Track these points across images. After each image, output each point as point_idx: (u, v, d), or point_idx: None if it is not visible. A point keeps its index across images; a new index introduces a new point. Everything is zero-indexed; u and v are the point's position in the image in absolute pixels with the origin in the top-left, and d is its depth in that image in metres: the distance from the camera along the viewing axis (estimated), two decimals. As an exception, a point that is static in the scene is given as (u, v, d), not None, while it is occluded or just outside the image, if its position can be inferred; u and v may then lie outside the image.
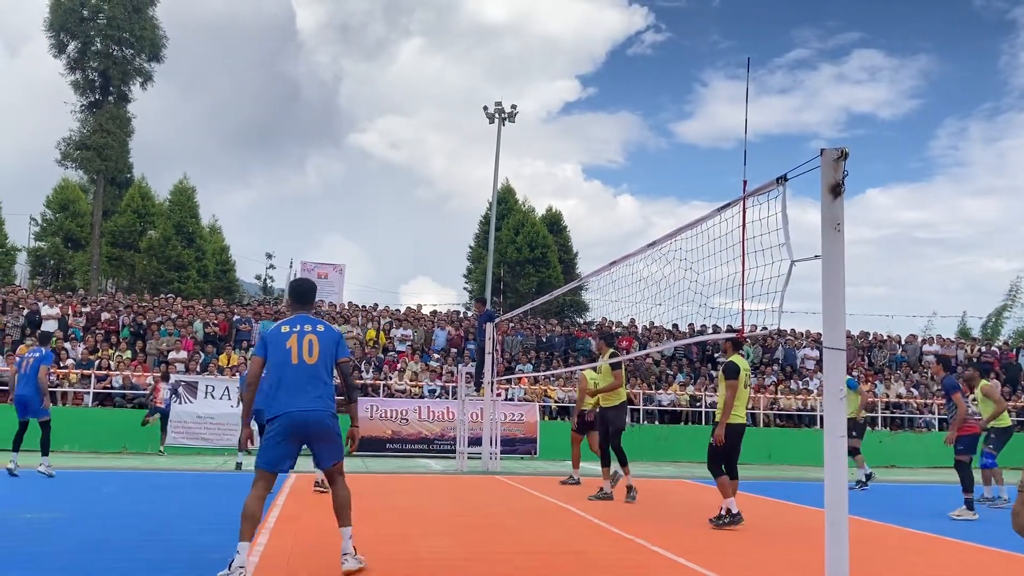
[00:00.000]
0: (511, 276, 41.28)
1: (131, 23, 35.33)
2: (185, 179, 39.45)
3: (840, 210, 5.10)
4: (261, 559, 6.44)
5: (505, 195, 43.14)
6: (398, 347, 23.13)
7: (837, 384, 5.01)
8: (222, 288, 39.17)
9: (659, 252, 8.74)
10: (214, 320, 22.33)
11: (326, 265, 33.21)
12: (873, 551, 7.58)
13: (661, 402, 21.96)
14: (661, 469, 18.04)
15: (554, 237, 43.25)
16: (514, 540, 7.80)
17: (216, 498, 10.63)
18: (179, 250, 36.89)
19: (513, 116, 36.49)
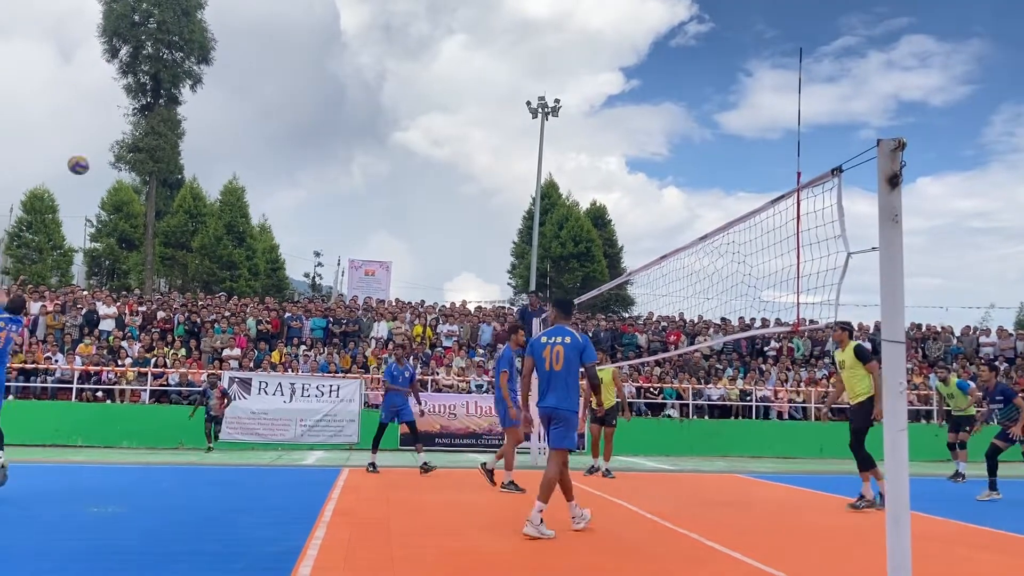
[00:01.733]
0: (555, 271, 41.24)
1: (180, 26, 35.99)
2: (235, 179, 40.15)
3: (898, 201, 5.04)
4: (320, 551, 6.54)
5: (549, 190, 43.09)
6: (444, 343, 23.28)
7: (897, 377, 4.94)
8: (272, 286, 39.77)
9: (710, 245, 8.68)
10: (266, 318, 22.69)
11: (373, 263, 33.55)
12: (935, 547, 7.46)
13: (711, 397, 21.79)
14: (712, 464, 17.93)
15: (598, 231, 43.10)
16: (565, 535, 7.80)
17: (270, 493, 10.83)
18: (230, 249, 37.52)
19: (556, 110, 36.45)
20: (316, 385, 19.10)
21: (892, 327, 4.97)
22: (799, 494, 12.16)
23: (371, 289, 31.23)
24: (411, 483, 12.14)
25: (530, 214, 40.26)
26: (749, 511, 9.93)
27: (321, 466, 14.80)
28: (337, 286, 47.26)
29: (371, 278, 32.29)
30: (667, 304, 14.85)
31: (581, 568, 6.38)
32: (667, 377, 22.28)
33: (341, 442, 18.74)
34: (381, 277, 32.72)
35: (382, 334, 23.06)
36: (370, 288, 31.38)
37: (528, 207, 42.73)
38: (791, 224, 6.40)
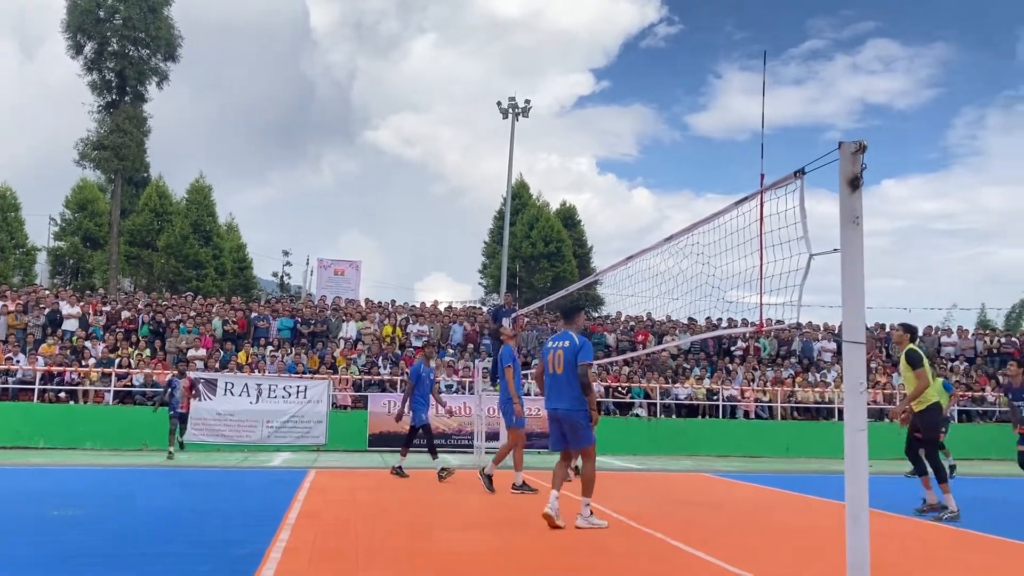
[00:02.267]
0: (526, 271, 41.29)
1: (147, 23, 35.52)
2: (202, 178, 39.69)
3: (859, 203, 5.08)
4: (284, 554, 6.49)
5: (519, 190, 43.15)
6: (414, 343, 23.21)
7: (858, 378, 5.00)
8: (239, 286, 39.39)
9: (676, 246, 8.72)
10: (233, 318, 22.48)
11: (342, 262, 33.36)
12: (894, 544, 7.56)
13: (678, 396, 21.94)
14: (679, 463, 18.05)
15: (569, 231, 43.23)
16: (537, 534, 7.82)
17: (236, 495, 10.73)
18: (196, 248, 37.10)
19: (527, 111, 36.48)
20: (283, 386, 18.96)
21: (853, 328, 5.03)
22: (765, 493, 12.27)
23: (340, 289, 31.07)
24: (379, 484, 12.09)
25: (501, 214, 40.29)
26: (716, 510, 10.01)
27: (288, 467, 14.69)
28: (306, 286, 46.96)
29: (340, 277, 32.12)
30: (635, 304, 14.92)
31: (548, 567, 6.40)
32: (635, 376, 22.39)
33: (308, 443, 18.62)
34: (351, 276, 32.55)
35: (351, 334, 22.95)
36: (339, 288, 31.22)
37: (499, 207, 42.77)
38: (755, 225, 6.44)
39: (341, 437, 18.89)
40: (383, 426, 18.92)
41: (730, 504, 10.74)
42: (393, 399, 19.36)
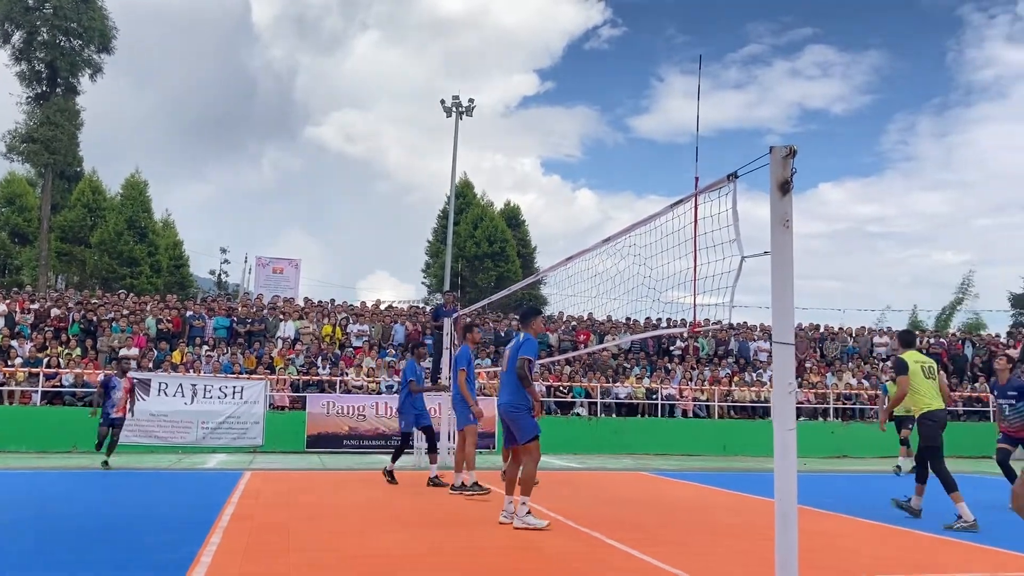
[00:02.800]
0: (470, 271, 41.25)
1: (78, 13, 34.58)
2: (137, 173, 38.75)
3: (789, 207, 5.16)
4: (214, 558, 6.36)
5: (463, 189, 43.06)
6: (355, 343, 23.00)
7: (787, 377, 5.08)
8: (175, 284, 38.58)
9: (615, 247, 8.79)
10: (167, 316, 21.99)
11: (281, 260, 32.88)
12: (822, 541, 7.73)
13: (618, 395, 22.12)
14: (619, 461, 18.20)
15: (513, 231, 43.29)
16: (472, 534, 7.81)
17: (167, 498, 10.49)
18: (131, 245, 36.22)
19: (471, 110, 36.43)
20: (219, 386, 18.61)
21: (782, 329, 5.11)
22: (702, 491, 12.44)
23: (279, 287, 30.62)
24: (315, 487, 11.94)
25: (445, 213, 40.17)
26: (652, 509, 10.11)
27: (223, 469, 14.42)
28: (244, 284, 46.19)
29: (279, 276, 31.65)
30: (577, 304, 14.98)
31: (483, 567, 6.38)
32: (577, 376, 22.52)
33: (245, 445, 18.31)
34: (290, 275, 32.10)
35: (289, 334, 22.63)
36: (278, 286, 30.77)
37: (443, 206, 42.63)
38: (690, 227, 6.53)
39: (278, 438, 18.62)
40: (321, 427, 18.72)
41: (667, 503, 10.86)
42: (332, 399, 19.18)
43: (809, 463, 17.74)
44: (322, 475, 13.79)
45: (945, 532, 8.44)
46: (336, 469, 14.86)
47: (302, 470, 14.60)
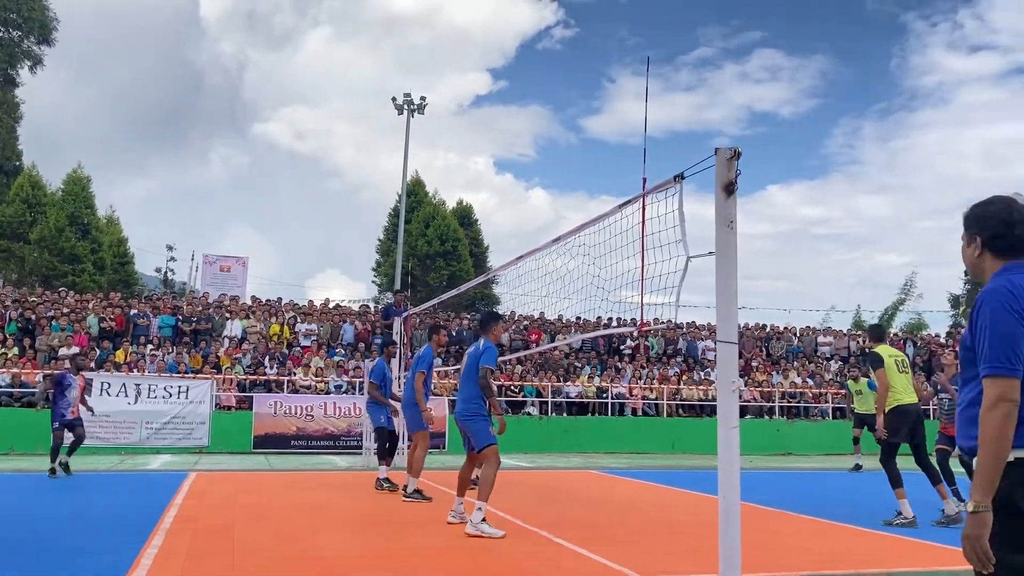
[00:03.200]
0: (421, 269, 41.03)
1: (18, 3, 33.65)
2: (79, 168, 37.78)
3: (733, 208, 5.23)
4: (155, 561, 6.23)
5: (415, 187, 42.84)
6: (303, 342, 22.74)
7: (730, 376, 5.15)
8: (119, 281, 37.68)
9: (565, 247, 8.82)
10: (110, 315, 21.50)
11: (228, 258, 32.32)
12: (766, 537, 7.84)
13: (569, 394, 22.22)
14: (568, 460, 18.27)
15: (465, 230, 43.18)
16: (419, 535, 7.77)
17: (109, 500, 10.25)
18: (73, 242, 35.30)
19: (423, 108, 36.26)
20: (164, 386, 18.26)
21: (726, 328, 5.17)
22: (650, 489, 12.55)
23: (227, 286, 30.11)
24: (261, 488, 11.78)
25: (396, 211, 39.90)
26: (601, 507, 10.16)
27: (167, 470, 14.15)
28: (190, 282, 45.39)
29: (227, 274, 31.12)
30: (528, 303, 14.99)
31: (430, 569, 6.35)
32: (528, 375, 22.56)
33: (190, 445, 17.99)
34: (237, 273, 31.58)
35: (236, 333, 22.29)
36: (226, 285, 30.26)
37: (394, 204, 42.32)
38: (638, 228, 6.58)
39: (225, 439, 18.33)
40: (268, 427, 18.47)
41: (616, 501, 10.94)
42: (279, 399, 18.95)
43: (754, 460, 18.02)
44: (269, 476, 13.61)
45: (884, 528, 8.63)
46: (283, 470, 14.68)
47: (248, 471, 14.40)
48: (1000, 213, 2.88)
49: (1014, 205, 2.90)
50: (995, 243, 2.89)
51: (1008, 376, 2.59)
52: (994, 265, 2.89)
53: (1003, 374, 2.59)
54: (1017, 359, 2.61)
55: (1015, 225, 2.85)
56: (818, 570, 6.47)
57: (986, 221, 2.91)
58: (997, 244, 2.89)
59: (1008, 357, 2.61)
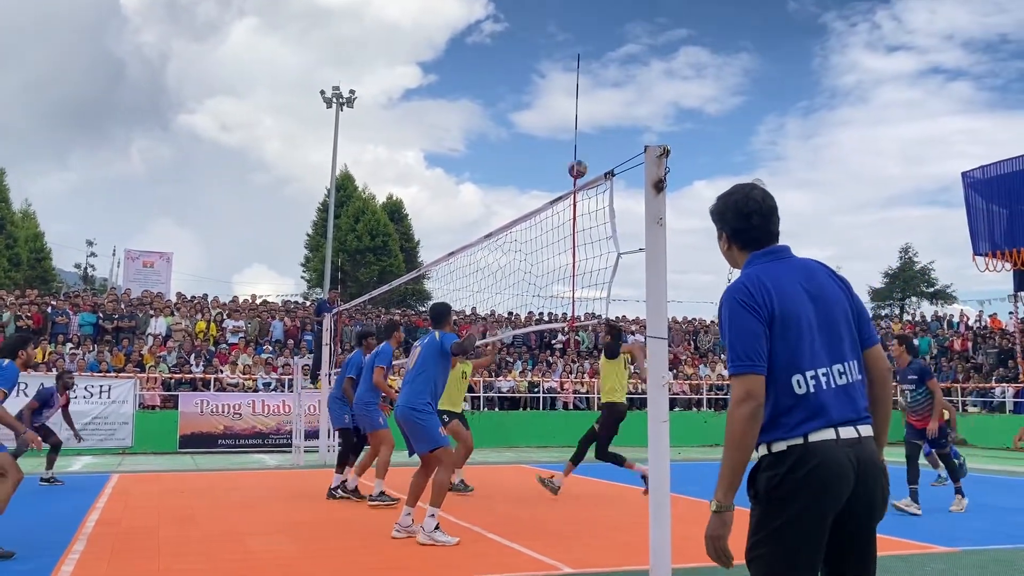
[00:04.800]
0: (351, 265, 40.63)
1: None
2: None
3: (663, 205, 5.32)
4: (76, 567, 6.05)
5: (344, 182, 42.37)
6: (230, 339, 22.29)
7: (660, 371, 5.23)
8: (36, 278, 36.47)
9: (497, 243, 8.85)
10: (27, 312, 20.74)
11: (152, 253, 31.42)
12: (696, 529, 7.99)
13: (501, 389, 22.27)
14: (500, 455, 18.32)
15: (395, 225, 42.92)
16: (349, 534, 7.71)
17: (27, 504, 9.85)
18: (-14, 237, 34.04)
19: (352, 101, 35.82)
20: (85, 386, 17.67)
21: (656, 323, 5.25)
22: (581, 482, 12.66)
23: (150, 282, 29.30)
24: (186, 488, 11.51)
25: (325, 206, 39.41)
26: (532, 502, 10.23)
27: (89, 472, 13.75)
28: (112, 278, 44.04)
29: (150, 270, 30.28)
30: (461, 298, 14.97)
31: (358, 566, 6.31)
32: (459, 371, 22.52)
33: (113, 446, 17.48)
34: (161, 269, 30.74)
35: (160, 331, 21.73)
36: (148, 281, 29.43)
37: (323, 199, 41.83)
38: (569, 224, 6.63)
39: (149, 439, 17.87)
40: (195, 426, 18.07)
41: (547, 495, 11.00)
42: (206, 398, 18.55)
43: (683, 452, 18.35)
44: (195, 476, 13.33)
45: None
46: (210, 470, 14.38)
47: (174, 471, 14.06)
48: (736, 205, 2.80)
49: (752, 194, 2.80)
50: (736, 237, 2.83)
51: (751, 373, 2.53)
52: (741, 257, 2.83)
53: (745, 371, 2.54)
54: (759, 355, 2.55)
55: (751, 216, 2.77)
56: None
57: (724, 214, 2.84)
58: (738, 238, 2.82)
59: (749, 354, 2.55)
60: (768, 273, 2.68)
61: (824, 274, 2.77)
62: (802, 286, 2.67)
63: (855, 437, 2.57)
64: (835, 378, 2.61)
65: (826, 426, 2.54)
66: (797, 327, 2.59)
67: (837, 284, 2.77)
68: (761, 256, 2.76)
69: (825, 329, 2.64)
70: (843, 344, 2.66)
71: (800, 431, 2.53)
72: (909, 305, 44.64)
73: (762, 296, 2.61)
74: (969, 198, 22.20)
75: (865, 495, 2.56)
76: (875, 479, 2.59)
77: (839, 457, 2.52)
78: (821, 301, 2.67)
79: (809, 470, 2.50)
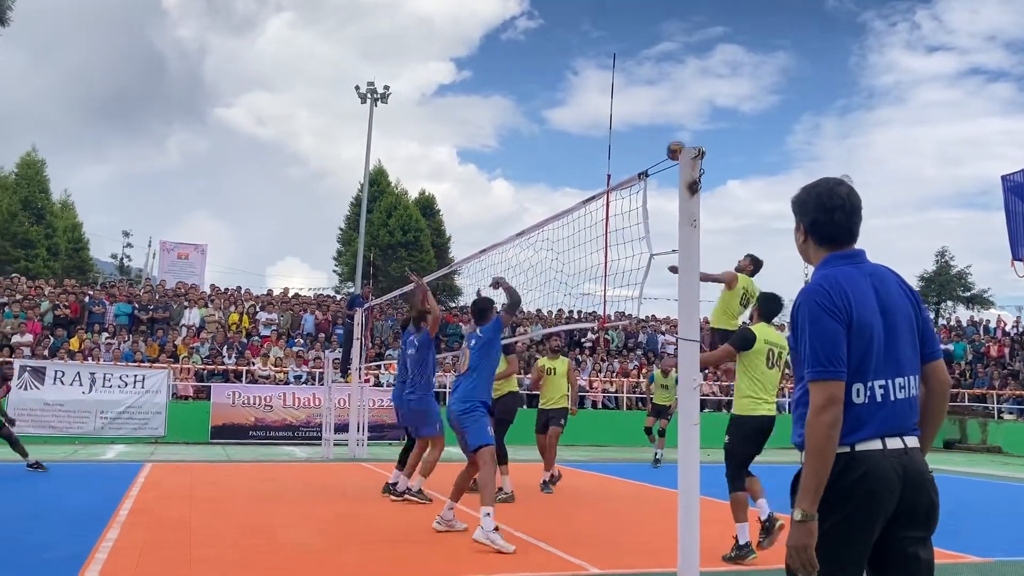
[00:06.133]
0: (383, 260, 40.81)
1: (-29, -20, 32.73)
2: (34, 151, 37.03)
3: (696, 207, 5.27)
4: (109, 555, 6.14)
5: (377, 177, 42.58)
6: (263, 331, 22.51)
7: (691, 374, 5.20)
8: (74, 267, 37.05)
9: (528, 240, 8.85)
10: (65, 301, 21.10)
11: (187, 245, 31.89)
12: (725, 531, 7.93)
13: (528, 387, 22.22)
14: (528, 453, 18.31)
15: (427, 221, 43.03)
16: (376, 528, 7.75)
17: (61, 492, 10.06)
18: (26, 227, 34.60)
19: (386, 96, 36.03)
20: (119, 375, 17.96)
21: (688, 325, 5.22)
22: (608, 482, 12.65)
23: (184, 274, 29.73)
24: (218, 479, 11.65)
25: (358, 200, 39.63)
26: (559, 500, 10.22)
27: (122, 461, 13.94)
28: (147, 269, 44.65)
29: (185, 262, 30.71)
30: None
31: (386, 558, 6.34)
32: (488, 368, 22.56)
33: (146, 435, 17.74)
34: (195, 261, 31.17)
35: (194, 322, 22.00)
36: (183, 272, 29.87)
37: (356, 193, 42.04)
38: (601, 224, 6.61)
39: (181, 429, 18.10)
40: (226, 418, 18.28)
41: (572, 494, 11.00)
42: (238, 390, 18.75)
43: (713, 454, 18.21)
44: (226, 467, 13.47)
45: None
46: (241, 461, 14.54)
47: (205, 462, 14.23)
48: (819, 197, 2.71)
49: (836, 189, 2.71)
50: (814, 230, 2.74)
51: (833, 379, 2.49)
52: (817, 254, 2.75)
53: (827, 377, 2.49)
54: (840, 360, 2.50)
55: (834, 211, 2.68)
56: (778, 565, 6.57)
57: (806, 205, 2.75)
58: (816, 232, 2.73)
59: (831, 359, 2.50)
60: (846, 277, 2.63)
61: (895, 284, 2.70)
62: (875, 295, 2.63)
63: (901, 448, 2.55)
64: (895, 391, 2.58)
65: (873, 436, 2.53)
66: (869, 336, 2.56)
67: (906, 295, 2.70)
68: (839, 259, 2.69)
69: (891, 341, 2.60)
70: (906, 357, 2.62)
71: (848, 440, 2.52)
72: (945, 309, 43.94)
73: (842, 300, 2.56)
74: (1009, 202, 21.80)
75: (912, 506, 2.54)
76: (922, 490, 2.56)
77: (885, 467, 2.51)
78: (890, 312, 2.62)
79: (855, 479, 2.50)
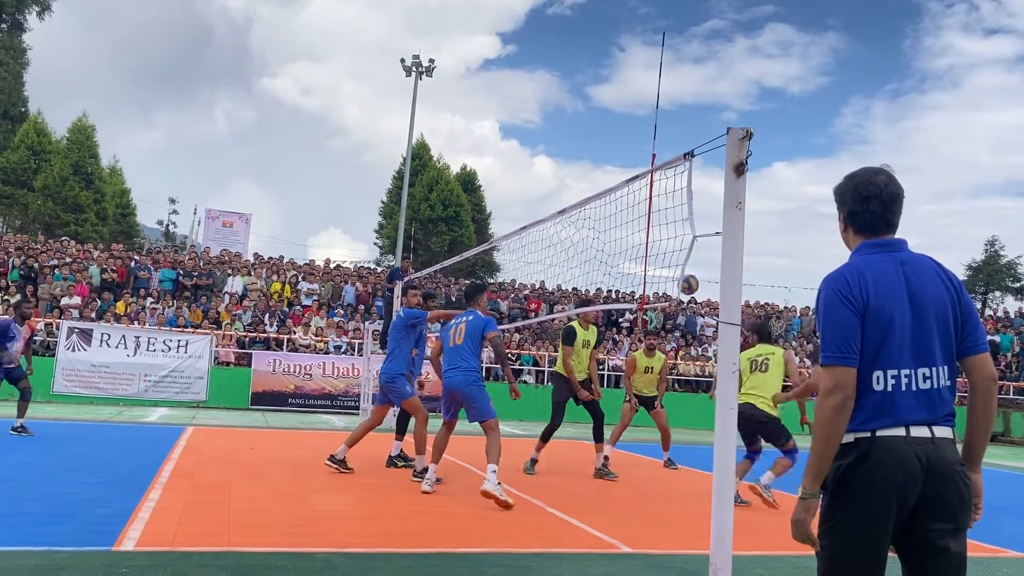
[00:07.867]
0: (423, 234, 40.99)
1: (28, -53, 33.28)
2: (84, 117, 37.63)
3: (743, 189, 5.20)
4: (152, 514, 6.30)
5: (420, 151, 42.65)
6: (304, 301, 22.78)
7: (731, 357, 5.15)
8: (121, 232, 37.75)
9: (570, 218, 8.80)
10: (112, 265, 21.53)
11: (231, 213, 32.28)
12: (758, 516, 7.91)
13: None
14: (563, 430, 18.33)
15: (468, 196, 43.09)
16: (411, 498, 7.84)
17: (106, 451, 10.32)
18: (76, 191, 35.28)
19: (431, 70, 35.95)
20: (163, 340, 18.32)
21: (729, 309, 5.16)
22: (642, 462, 12.65)
23: (228, 242, 30.14)
24: (258, 444, 11.86)
25: (400, 174, 39.76)
26: (590, 478, 10.25)
27: (164, 424, 14.24)
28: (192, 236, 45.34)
29: (229, 230, 31.11)
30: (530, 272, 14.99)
31: (421, 530, 6.42)
32: (526, 344, 22.63)
33: (188, 399, 18.10)
34: (239, 229, 31.56)
35: (237, 289, 22.32)
36: (227, 240, 30.29)
37: (398, 166, 42.19)
38: (644, 203, 6.55)
39: (222, 394, 18.44)
40: (266, 384, 18.58)
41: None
42: (278, 357, 19.03)
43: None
44: (265, 433, 13.71)
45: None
46: (280, 428, 14.78)
47: (245, 427, 14.49)
48: (857, 187, 2.73)
49: (875, 178, 2.72)
50: (852, 220, 2.76)
51: (842, 364, 2.53)
52: (855, 242, 2.76)
53: (836, 363, 2.54)
54: (850, 348, 2.53)
55: (870, 200, 2.69)
56: (808, 550, 6.53)
57: (844, 195, 2.77)
58: (854, 221, 2.75)
59: (840, 346, 2.54)
60: (870, 265, 2.63)
61: (932, 273, 2.66)
62: (903, 283, 2.60)
63: (927, 436, 2.53)
64: (918, 381, 2.55)
65: (895, 424, 2.52)
66: (888, 324, 2.55)
67: (944, 284, 2.65)
68: (870, 247, 2.69)
69: (918, 330, 2.57)
70: (934, 347, 2.58)
71: (869, 426, 2.54)
72: (992, 300, 43.04)
73: (859, 288, 2.57)
74: (1065, 192, 21.20)
75: (938, 497, 2.50)
76: (948, 482, 2.52)
77: (906, 453, 2.49)
78: (919, 301, 2.59)
79: (874, 464, 2.50)
